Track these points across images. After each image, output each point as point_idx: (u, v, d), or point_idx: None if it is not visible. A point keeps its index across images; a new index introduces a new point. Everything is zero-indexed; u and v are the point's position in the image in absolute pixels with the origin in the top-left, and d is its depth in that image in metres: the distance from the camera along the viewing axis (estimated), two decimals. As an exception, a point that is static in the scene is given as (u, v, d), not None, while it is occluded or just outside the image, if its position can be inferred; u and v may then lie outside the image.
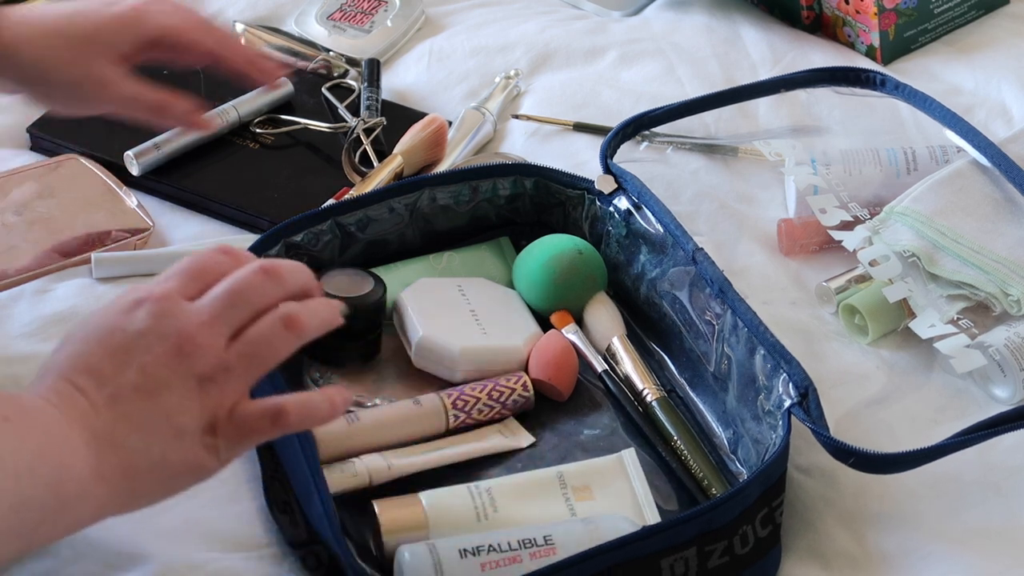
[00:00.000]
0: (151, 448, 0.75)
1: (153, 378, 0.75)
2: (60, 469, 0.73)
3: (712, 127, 1.24)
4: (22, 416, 0.73)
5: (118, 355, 0.75)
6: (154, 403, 0.75)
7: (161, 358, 0.75)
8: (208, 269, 0.79)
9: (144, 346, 0.76)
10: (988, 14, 1.39)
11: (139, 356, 0.75)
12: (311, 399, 0.79)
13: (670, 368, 1.04)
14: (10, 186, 1.17)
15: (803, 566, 0.91)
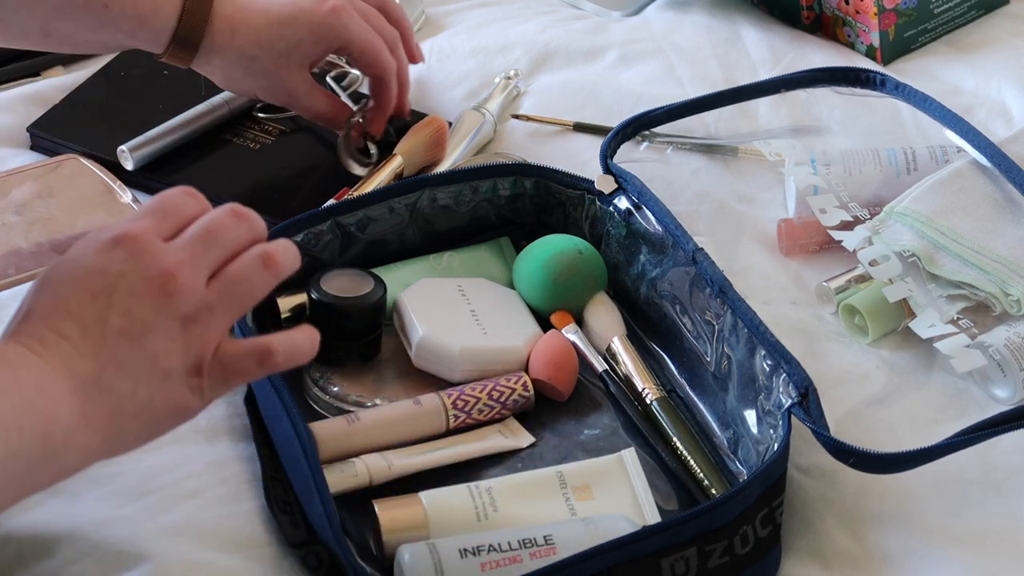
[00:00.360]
0: (138, 392, 0.75)
1: (137, 321, 0.75)
2: (47, 421, 0.72)
3: (712, 127, 1.24)
4: (5, 369, 0.72)
5: (100, 298, 0.75)
6: (139, 346, 0.75)
7: (144, 300, 0.75)
8: (178, 209, 0.79)
9: (126, 288, 0.75)
10: (988, 14, 1.39)
11: (122, 298, 0.75)
12: (294, 337, 0.80)
13: (670, 368, 1.04)
14: (10, 186, 1.16)
15: (803, 566, 0.91)
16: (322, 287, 1.00)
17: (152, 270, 0.76)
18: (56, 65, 1.31)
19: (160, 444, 0.95)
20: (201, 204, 0.80)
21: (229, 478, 0.94)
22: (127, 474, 0.93)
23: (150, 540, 0.88)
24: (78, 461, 0.75)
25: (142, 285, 0.75)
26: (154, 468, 0.94)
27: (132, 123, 1.22)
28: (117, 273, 0.75)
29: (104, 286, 0.75)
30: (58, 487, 0.92)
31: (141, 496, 0.92)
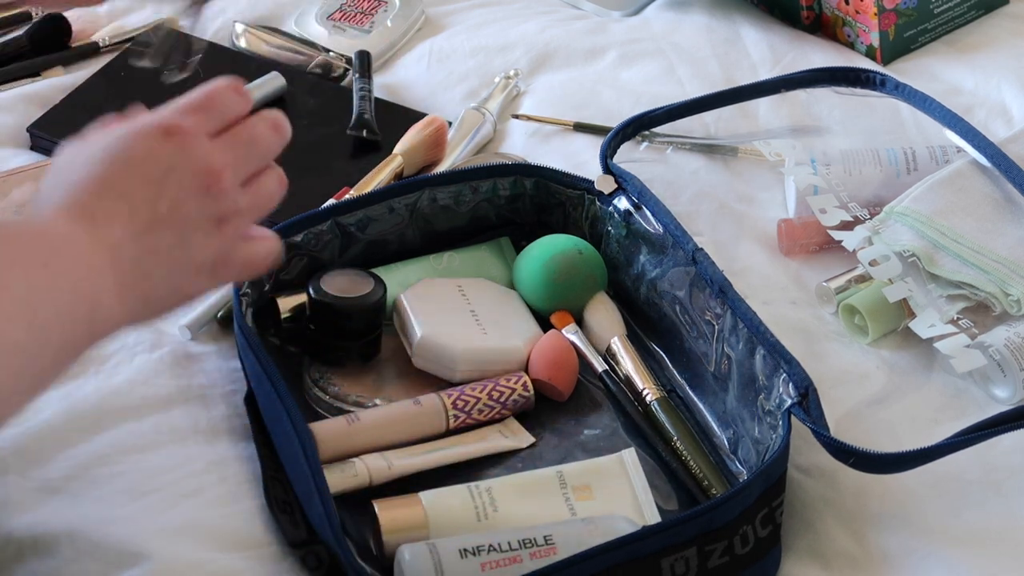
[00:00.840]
0: (171, 280, 0.78)
1: (182, 214, 0.77)
2: (93, 307, 0.74)
3: (712, 127, 1.24)
4: (58, 259, 0.74)
5: (151, 185, 0.77)
6: (181, 238, 0.78)
7: (190, 195, 0.78)
8: (225, 108, 0.82)
9: (176, 180, 0.77)
10: (988, 14, 1.39)
11: (171, 189, 0.77)
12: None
13: (670, 368, 1.04)
14: (10, 186, 1.16)
15: (803, 566, 0.91)
16: (322, 287, 1.00)
17: (200, 167, 0.78)
18: (56, 65, 1.31)
19: (160, 444, 0.96)
20: (246, 103, 0.83)
21: (229, 478, 0.94)
22: (127, 474, 0.94)
23: (150, 539, 0.88)
24: (107, 332, 0.78)
25: (190, 180, 0.78)
26: (154, 468, 0.94)
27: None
28: (168, 165, 0.78)
29: (156, 174, 0.77)
30: (58, 487, 0.92)
31: (141, 496, 0.92)
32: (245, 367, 0.99)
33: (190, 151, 0.78)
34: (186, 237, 0.78)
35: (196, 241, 0.78)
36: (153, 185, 0.77)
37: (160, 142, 0.78)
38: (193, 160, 0.78)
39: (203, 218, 0.78)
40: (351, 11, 1.38)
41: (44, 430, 0.95)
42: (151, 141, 0.78)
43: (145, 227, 0.76)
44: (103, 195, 0.76)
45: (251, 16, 1.38)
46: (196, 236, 0.78)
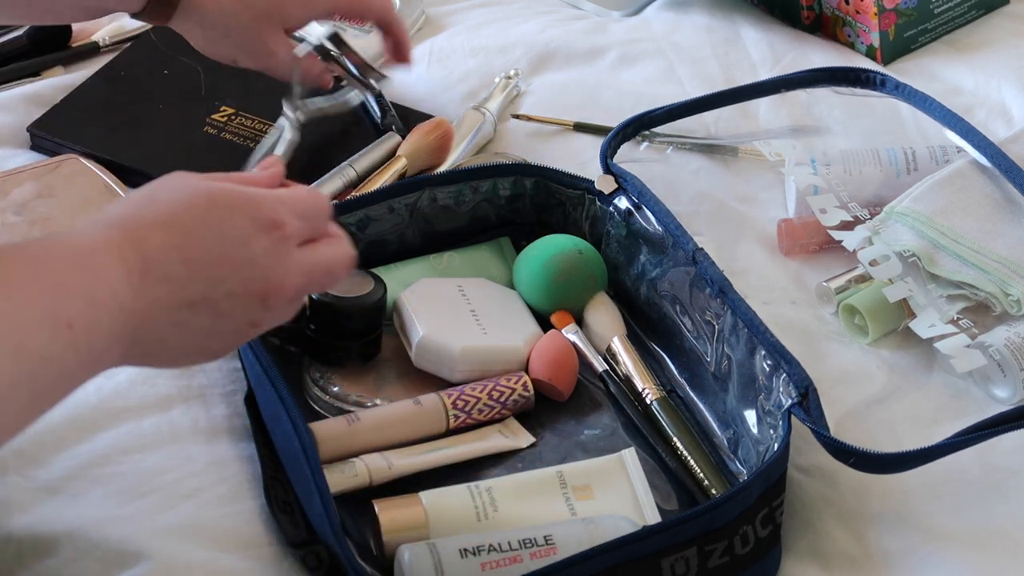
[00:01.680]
0: (181, 353, 0.78)
1: (229, 307, 0.77)
2: (91, 341, 0.72)
3: (712, 127, 1.24)
4: (95, 271, 0.72)
5: (223, 268, 0.76)
6: (212, 326, 0.77)
7: (249, 296, 0.77)
8: (319, 222, 0.82)
9: (247, 276, 0.77)
10: (988, 14, 1.39)
11: (236, 282, 0.76)
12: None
13: (670, 368, 1.04)
14: (10, 186, 1.16)
15: (803, 566, 0.91)
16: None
17: (274, 277, 0.78)
18: (56, 65, 1.31)
19: (160, 444, 0.96)
20: (331, 225, 0.84)
21: (229, 478, 0.94)
22: (127, 474, 0.94)
23: (150, 539, 0.88)
24: (91, 374, 0.75)
25: (259, 283, 0.77)
26: (154, 468, 0.94)
27: (132, 123, 1.22)
28: (250, 257, 0.77)
29: (236, 262, 0.76)
30: (58, 487, 0.92)
31: (141, 495, 0.92)
32: (245, 367, 0.99)
33: (278, 257, 0.78)
34: (217, 327, 0.77)
35: (225, 334, 0.78)
36: (226, 269, 0.76)
37: (258, 234, 0.77)
38: (274, 267, 0.78)
39: (244, 320, 0.78)
40: (351, 11, 1.37)
41: (44, 430, 0.95)
42: (251, 228, 0.77)
43: (187, 304, 0.75)
44: (169, 253, 0.74)
45: (251, 16, 1.38)
46: (227, 330, 0.78)
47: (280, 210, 0.78)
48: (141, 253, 0.73)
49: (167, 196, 0.77)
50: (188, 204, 0.76)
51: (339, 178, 1.17)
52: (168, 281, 0.74)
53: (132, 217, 0.75)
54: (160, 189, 0.78)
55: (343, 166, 1.18)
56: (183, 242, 0.75)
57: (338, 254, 0.82)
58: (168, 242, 0.74)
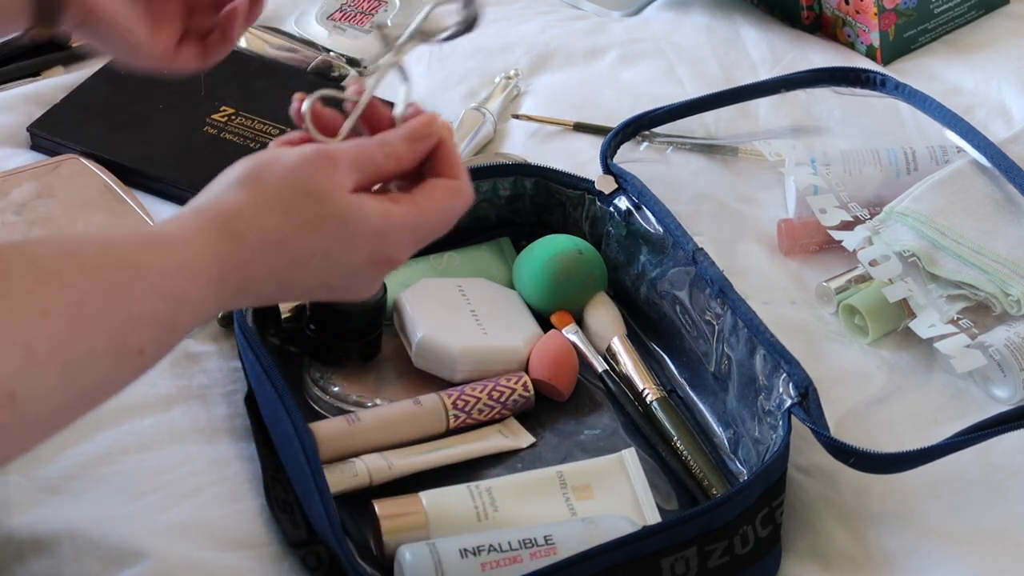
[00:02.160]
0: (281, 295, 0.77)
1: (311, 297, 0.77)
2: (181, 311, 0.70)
3: (712, 127, 1.24)
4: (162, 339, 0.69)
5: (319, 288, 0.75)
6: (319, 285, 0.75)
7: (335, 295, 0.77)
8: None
9: (340, 288, 0.76)
10: (988, 14, 1.39)
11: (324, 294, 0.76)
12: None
13: (670, 368, 1.04)
14: (10, 186, 1.16)
15: (803, 566, 0.91)
16: None
17: (364, 291, 0.77)
18: (56, 65, 1.31)
19: (160, 444, 0.96)
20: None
21: (229, 478, 0.94)
22: (128, 473, 0.94)
23: (151, 539, 0.88)
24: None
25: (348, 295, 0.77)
26: (154, 467, 0.94)
27: (132, 123, 1.22)
28: (348, 285, 0.76)
29: (331, 287, 0.75)
30: (58, 487, 0.92)
31: (142, 495, 0.92)
32: (245, 367, 0.99)
33: (379, 279, 0.77)
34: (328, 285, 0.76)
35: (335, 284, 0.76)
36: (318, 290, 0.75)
37: (369, 268, 0.75)
38: (369, 286, 0.77)
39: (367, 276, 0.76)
40: (351, 11, 1.38)
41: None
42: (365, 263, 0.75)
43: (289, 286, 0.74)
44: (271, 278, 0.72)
45: (251, 16, 1.38)
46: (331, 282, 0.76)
47: (404, 244, 0.76)
48: (243, 274, 0.71)
49: (299, 205, 0.72)
50: (313, 228, 0.72)
51: None
52: (260, 296, 0.73)
53: (254, 228, 0.71)
54: (297, 188, 0.73)
55: None
56: (288, 270, 0.73)
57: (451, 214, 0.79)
58: (274, 267, 0.72)
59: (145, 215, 1.14)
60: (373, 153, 0.75)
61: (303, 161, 0.73)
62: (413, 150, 0.77)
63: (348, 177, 0.74)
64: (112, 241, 0.69)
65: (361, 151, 0.75)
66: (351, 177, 0.74)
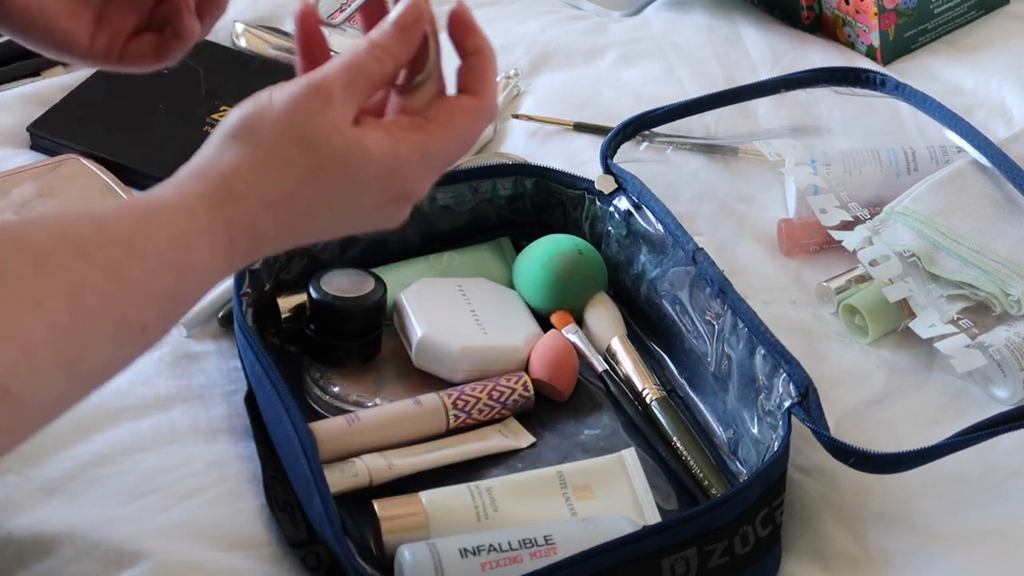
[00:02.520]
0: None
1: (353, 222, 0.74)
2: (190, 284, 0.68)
3: (712, 127, 1.24)
4: (166, 313, 0.67)
5: (338, 228, 0.72)
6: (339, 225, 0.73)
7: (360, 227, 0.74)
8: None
9: (361, 225, 0.74)
10: (988, 14, 1.39)
11: (348, 228, 0.73)
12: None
13: (670, 368, 1.04)
14: (10, 186, 1.17)
15: (803, 566, 0.91)
16: (322, 287, 1.00)
17: (390, 222, 0.75)
18: (56, 65, 1.31)
19: (160, 444, 0.96)
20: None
21: (229, 478, 0.94)
22: (127, 473, 0.94)
23: (150, 539, 0.88)
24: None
25: (371, 226, 0.74)
26: (154, 468, 0.94)
27: (132, 123, 1.22)
28: (369, 220, 0.73)
29: (348, 225, 0.73)
30: (58, 487, 0.92)
31: (141, 495, 0.92)
32: (245, 367, 0.99)
33: (401, 213, 0.74)
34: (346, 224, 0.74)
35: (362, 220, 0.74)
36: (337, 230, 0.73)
37: (385, 205, 0.72)
38: (392, 218, 0.74)
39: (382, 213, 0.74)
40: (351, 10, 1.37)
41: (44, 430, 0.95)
42: (379, 201, 0.72)
43: (297, 234, 0.71)
44: (283, 232, 0.69)
45: (251, 16, 1.38)
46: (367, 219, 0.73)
47: (417, 177, 0.72)
48: (251, 234, 0.69)
49: (296, 156, 0.69)
50: (314, 176, 0.69)
51: None
52: (275, 248, 0.71)
53: (254, 187, 0.69)
54: (292, 136, 0.69)
55: None
56: (297, 223, 0.70)
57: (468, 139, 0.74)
58: (281, 223, 0.69)
59: (145, 215, 1.14)
60: (364, 63, 0.71)
61: (294, 104, 0.70)
62: (406, 41, 0.72)
63: (345, 106, 0.70)
64: (108, 217, 0.67)
65: (352, 68, 0.71)
66: (348, 104, 0.70)
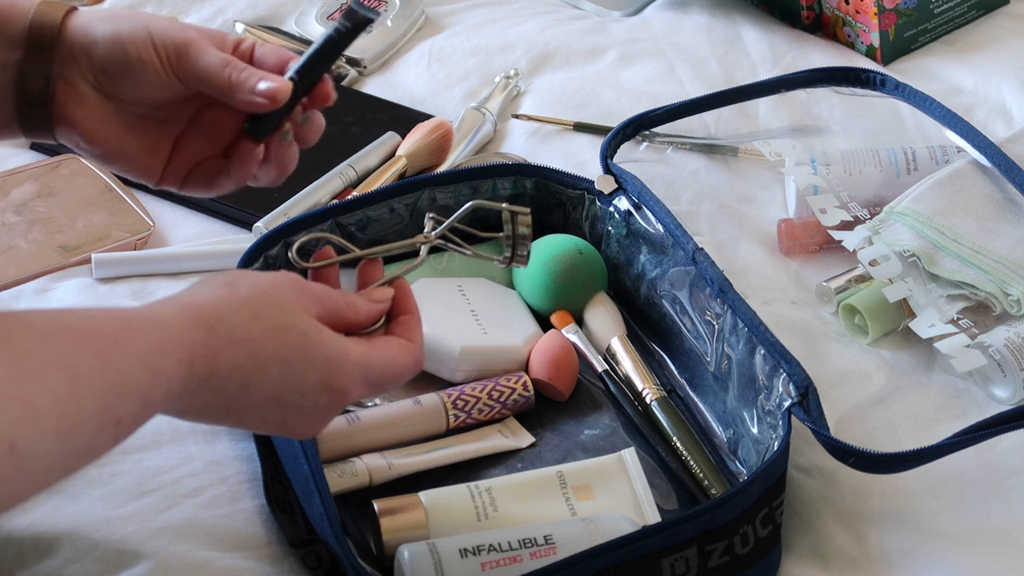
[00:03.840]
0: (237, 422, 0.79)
1: (263, 427, 0.80)
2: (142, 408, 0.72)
3: (712, 127, 1.24)
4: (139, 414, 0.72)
5: (271, 403, 0.77)
6: (242, 426, 0.79)
7: (283, 431, 0.79)
8: (399, 384, 0.84)
9: (288, 418, 0.78)
10: (988, 14, 1.39)
11: (276, 420, 0.78)
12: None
13: (670, 368, 1.04)
14: (10, 186, 1.17)
15: (803, 566, 0.91)
16: None
17: (311, 429, 0.80)
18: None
19: (160, 444, 0.96)
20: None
21: (229, 478, 0.94)
22: (127, 473, 0.94)
23: (150, 539, 0.88)
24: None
25: (294, 426, 0.79)
26: (154, 468, 0.94)
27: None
28: (299, 407, 0.78)
29: (284, 405, 0.77)
30: (58, 487, 0.92)
31: (141, 495, 0.92)
32: (245, 367, 0.99)
33: (327, 415, 0.80)
34: (243, 426, 0.79)
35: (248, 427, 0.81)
36: (269, 405, 0.77)
37: (320, 393, 0.77)
38: (316, 422, 0.80)
39: (277, 430, 0.79)
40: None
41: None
42: (317, 387, 0.77)
43: (228, 412, 0.76)
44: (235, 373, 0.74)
45: (251, 16, 1.38)
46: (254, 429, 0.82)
47: (355, 379, 0.79)
48: (211, 363, 0.74)
49: (268, 312, 0.76)
50: (278, 334, 0.76)
51: (339, 178, 1.17)
52: (221, 393, 0.75)
53: (224, 322, 0.75)
54: (267, 299, 0.77)
55: (343, 166, 1.18)
56: (251, 368, 0.75)
57: (400, 368, 0.82)
58: (238, 362, 0.75)
59: (145, 215, 1.14)
60: (336, 297, 0.81)
61: (276, 278, 0.79)
62: (369, 308, 0.82)
63: (313, 304, 0.79)
64: (94, 312, 0.72)
65: (328, 291, 0.81)
66: (316, 306, 0.79)
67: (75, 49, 0.84)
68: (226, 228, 1.15)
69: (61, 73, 0.84)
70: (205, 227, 1.15)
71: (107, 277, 1.10)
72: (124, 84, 0.84)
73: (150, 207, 1.16)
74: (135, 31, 0.83)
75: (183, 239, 1.14)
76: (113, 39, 0.83)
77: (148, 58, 0.83)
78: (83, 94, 0.84)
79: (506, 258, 0.90)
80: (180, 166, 0.88)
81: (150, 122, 0.87)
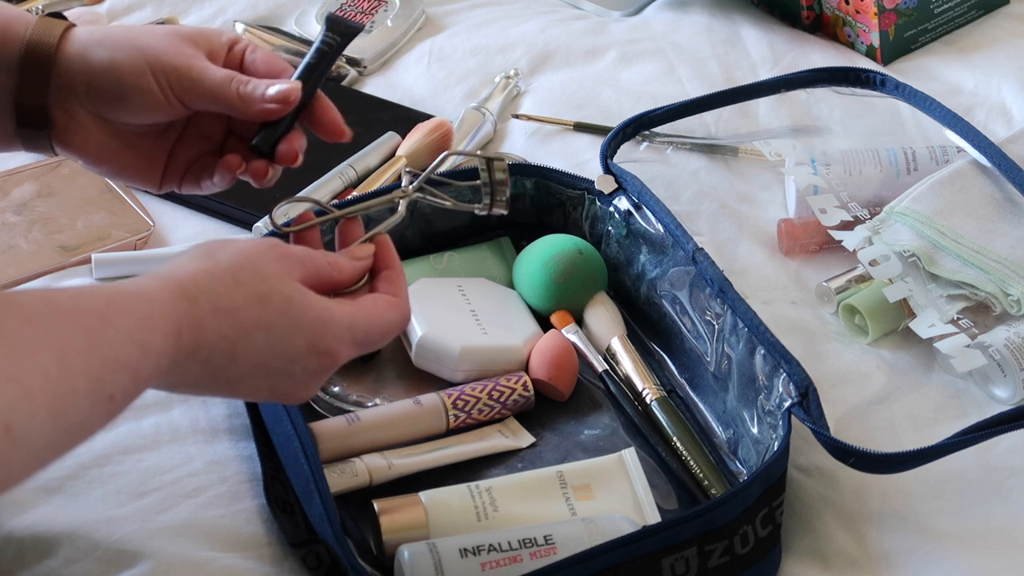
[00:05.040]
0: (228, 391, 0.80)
1: (253, 394, 0.81)
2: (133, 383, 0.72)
3: (712, 127, 1.24)
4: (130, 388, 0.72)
5: (259, 371, 0.77)
6: (233, 395, 0.80)
7: (274, 396, 0.79)
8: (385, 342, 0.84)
9: (277, 384, 0.78)
10: (988, 14, 1.39)
11: (265, 386, 0.78)
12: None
13: (670, 368, 1.04)
14: (10, 186, 1.17)
15: (803, 566, 0.91)
16: None
17: (302, 393, 0.80)
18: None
19: (160, 444, 0.96)
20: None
21: (229, 478, 0.94)
22: (127, 473, 0.94)
23: (150, 539, 0.88)
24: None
25: (283, 391, 0.79)
26: (154, 468, 0.94)
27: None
28: (288, 372, 0.78)
29: (272, 371, 0.77)
30: (58, 486, 0.92)
31: (141, 495, 0.92)
32: (245, 367, 0.99)
33: (316, 378, 0.79)
34: (236, 395, 0.80)
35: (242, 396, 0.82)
36: (257, 373, 0.77)
37: (308, 356, 0.77)
38: (306, 386, 0.79)
39: (267, 396, 0.79)
40: (351, 11, 1.38)
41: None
42: (304, 351, 0.77)
43: (217, 382, 0.76)
44: (220, 343, 0.74)
45: (251, 16, 1.38)
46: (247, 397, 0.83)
47: (343, 340, 0.78)
48: (196, 335, 0.74)
49: (249, 279, 0.76)
50: (261, 301, 0.76)
51: (339, 178, 1.17)
52: (208, 364, 0.75)
53: (206, 293, 0.74)
54: (248, 266, 0.77)
55: (343, 166, 1.18)
56: (236, 337, 0.75)
57: (387, 325, 0.82)
58: (223, 332, 0.74)
59: (145, 215, 1.14)
60: (318, 258, 0.81)
61: (256, 245, 0.79)
62: (352, 266, 0.83)
63: (295, 268, 0.79)
64: (81, 291, 0.72)
65: (309, 253, 0.81)
66: (298, 269, 0.79)
67: (73, 78, 0.84)
68: (226, 228, 1.16)
69: (59, 103, 0.84)
70: (205, 227, 1.15)
71: (107, 277, 1.10)
72: (122, 111, 0.85)
73: (150, 207, 1.16)
74: (132, 61, 0.83)
75: (183, 239, 1.14)
76: (110, 68, 0.84)
77: (147, 86, 0.83)
78: (81, 122, 0.85)
79: (486, 205, 0.89)
80: (176, 169, 0.89)
81: (148, 138, 0.88)
